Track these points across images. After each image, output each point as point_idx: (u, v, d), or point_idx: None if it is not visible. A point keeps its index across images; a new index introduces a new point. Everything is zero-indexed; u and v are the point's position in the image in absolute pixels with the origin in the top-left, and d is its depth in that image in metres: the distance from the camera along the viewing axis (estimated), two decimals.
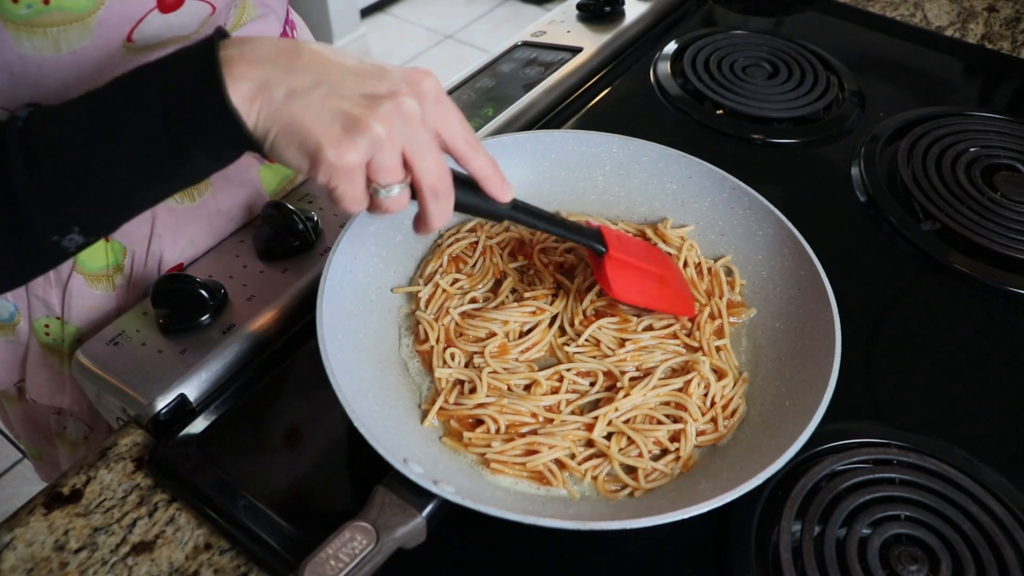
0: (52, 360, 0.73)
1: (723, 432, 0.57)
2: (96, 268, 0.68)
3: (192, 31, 0.59)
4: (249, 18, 0.66)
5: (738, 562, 0.52)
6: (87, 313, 0.70)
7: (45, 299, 0.69)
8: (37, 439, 0.86)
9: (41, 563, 0.53)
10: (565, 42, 0.96)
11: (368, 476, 0.50)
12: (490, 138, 0.71)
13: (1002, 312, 0.70)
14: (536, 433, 0.56)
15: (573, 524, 0.46)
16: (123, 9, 0.54)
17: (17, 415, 0.84)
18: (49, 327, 0.71)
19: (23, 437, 0.87)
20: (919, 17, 1.08)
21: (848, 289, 0.62)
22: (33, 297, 0.69)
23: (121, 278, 0.70)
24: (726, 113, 0.89)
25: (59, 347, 0.72)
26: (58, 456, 0.85)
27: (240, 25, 0.65)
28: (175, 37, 0.58)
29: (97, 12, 0.53)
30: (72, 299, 0.69)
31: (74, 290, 0.68)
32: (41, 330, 0.71)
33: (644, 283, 0.62)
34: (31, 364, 0.74)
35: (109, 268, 0.69)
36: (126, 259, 0.69)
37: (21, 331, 0.72)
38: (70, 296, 0.69)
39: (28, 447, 0.89)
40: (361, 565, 0.45)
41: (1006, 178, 0.80)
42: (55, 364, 0.73)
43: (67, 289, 0.68)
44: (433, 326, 0.62)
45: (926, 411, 0.62)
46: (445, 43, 2.91)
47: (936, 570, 0.51)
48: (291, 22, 0.78)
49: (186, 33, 0.59)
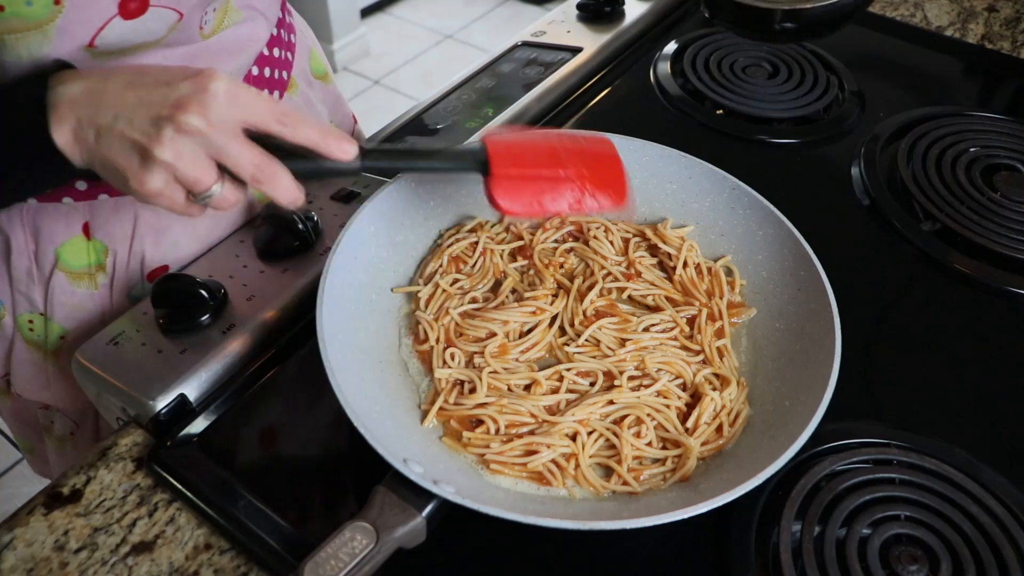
0: (36, 356, 0.73)
1: (728, 439, 0.57)
2: (78, 266, 0.68)
3: (160, 36, 0.58)
4: (232, 22, 0.65)
5: (738, 562, 0.52)
6: (70, 311, 0.70)
7: (28, 295, 0.69)
8: (27, 433, 0.87)
9: (41, 563, 0.53)
10: (565, 42, 0.96)
11: (368, 476, 0.50)
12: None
13: (1002, 312, 0.70)
14: (534, 433, 0.56)
15: (573, 524, 0.46)
16: (83, 16, 0.53)
17: (7, 409, 0.84)
18: (33, 323, 0.71)
19: (14, 430, 0.88)
20: (919, 17, 1.08)
21: (848, 289, 0.62)
22: (17, 293, 0.69)
23: (104, 277, 0.69)
24: (726, 113, 0.89)
25: (42, 343, 0.72)
26: (47, 452, 0.85)
27: (222, 29, 0.64)
28: (143, 43, 0.58)
29: (55, 20, 0.52)
30: (55, 296, 0.69)
31: (56, 287, 0.68)
32: (25, 325, 0.71)
33: (542, 192, 0.57)
34: (16, 359, 0.74)
35: (91, 267, 0.69)
36: (108, 258, 0.69)
37: (6, 325, 0.72)
38: (53, 293, 0.69)
39: (20, 441, 0.90)
40: (361, 565, 0.45)
41: (1006, 178, 0.80)
42: (39, 360, 0.73)
43: (49, 286, 0.68)
44: (433, 326, 0.62)
45: (926, 411, 0.62)
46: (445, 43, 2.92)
47: (936, 570, 0.51)
48: (288, 25, 0.78)
49: (154, 39, 0.58)
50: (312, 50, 0.85)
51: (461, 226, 0.70)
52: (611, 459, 0.55)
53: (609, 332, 0.62)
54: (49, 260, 0.67)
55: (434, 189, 0.68)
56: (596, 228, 0.69)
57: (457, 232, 0.69)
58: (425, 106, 0.88)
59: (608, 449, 0.56)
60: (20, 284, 0.69)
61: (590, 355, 0.61)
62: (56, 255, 0.67)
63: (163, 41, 0.59)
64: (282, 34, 0.75)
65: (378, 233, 0.65)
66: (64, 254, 0.67)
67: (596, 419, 0.57)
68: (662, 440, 0.57)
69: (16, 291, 0.69)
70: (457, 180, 0.69)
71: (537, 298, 0.64)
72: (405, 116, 0.87)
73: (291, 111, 0.51)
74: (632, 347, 0.61)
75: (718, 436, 0.57)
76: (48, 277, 0.68)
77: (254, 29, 0.68)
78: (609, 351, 0.61)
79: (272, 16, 0.71)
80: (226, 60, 0.65)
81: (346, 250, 0.61)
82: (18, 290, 0.69)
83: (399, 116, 0.87)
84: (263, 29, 0.69)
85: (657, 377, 0.59)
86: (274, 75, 0.73)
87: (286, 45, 0.76)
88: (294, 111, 0.51)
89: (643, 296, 0.65)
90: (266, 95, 0.50)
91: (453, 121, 0.85)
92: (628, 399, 0.58)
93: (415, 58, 2.84)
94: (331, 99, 0.88)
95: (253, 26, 0.68)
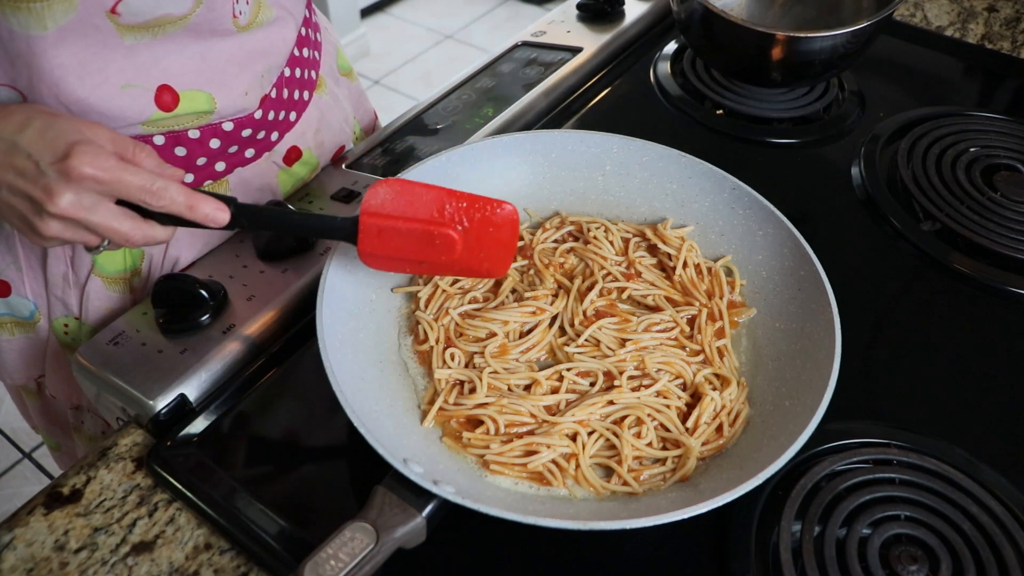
0: (71, 358, 0.74)
1: (728, 439, 0.57)
2: (114, 271, 0.69)
3: (186, 11, 0.58)
4: (265, 19, 0.66)
5: (738, 562, 0.52)
6: (104, 314, 0.71)
7: (64, 299, 0.70)
8: (56, 432, 0.88)
9: (41, 563, 0.53)
10: (565, 42, 0.96)
11: (368, 476, 0.50)
12: (490, 138, 0.71)
13: (1002, 312, 0.70)
14: (534, 433, 0.56)
15: (573, 524, 0.46)
16: None
17: (36, 408, 0.85)
18: (68, 326, 0.72)
19: (42, 429, 0.89)
20: (919, 17, 1.08)
21: (848, 289, 0.62)
22: (53, 297, 0.70)
23: (139, 281, 0.70)
24: (726, 113, 0.89)
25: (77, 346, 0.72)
26: (75, 449, 0.86)
27: (256, 24, 0.65)
28: (167, 16, 0.58)
29: None
30: (90, 301, 0.70)
31: (92, 292, 0.69)
32: (60, 329, 0.72)
33: (412, 259, 0.58)
34: (50, 361, 0.76)
35: (127, 271, 0.69)
36: (143, 262, 0.69)
37: (41, 329, 0.73)
38: (88, 298, 0.69)
39: (47, 438, 0.91)
40: (361, 565, 0.45)
41: (1006, 178, 0.80)
42: None
43: (85, 291, 0.69)
44: (433, 326, 0.62)
45: (926, 411, 0.62)
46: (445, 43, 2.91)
47: (936, 570, 0.51)
48: (314, 24, 0.78)
49: (179, 13, 0.58)
50: (337, 47, 0.86)
51: None
52: (611, 459, 0.55)
53: (609, 332, 0.62)
54: (86, 265, 0.68)
55: None
56: (596, 228, 0.69)
57: None
58: (425, 106, 0.88)
59: (608, 449, 0.56)
60: (56, 288, 0.69)
61: (590, 355, 0.61)
62: (93, 260, 0.68)
63: (189, 19, 0.59)
64: (309, 33, 0.75)
65: None
66: (100, 259, 0.68)
67: (596, 419, 0.57)
68: (662, 440, 0.57)
69: (52, 295, 0.70)
70: (457, 180, 0.69)
71: (537, 298, 0.64)
72: (405, 116, 0.87)
73: (155, 181, 0.53)
74: (632, 347, 0.61)
75: (718, 436, 0.57)
76: (84, 282, 0.69)
77: (284, 30, 0.68)
78: (609, 351, 0.61)
79: (299, 15, 0.72)
80: (258, 60, 0.66)
81: (346, 250, 0.61)
82: (54, 294, 0.70)
83: (399, 116, 0.87)
84: (291, 30, 0.70)
85: (657, 377, 0.59)
86: (304, 75, 0.74)
87: (313, 44, 0.77)
88: (163, 181, 0.54)
89: (643, 296, 0.65)
90: (130, 169, 0.53)
91: (453, 121, 0.85)
92: (628, 399, 0.58)
93: (415, 58, 2.84)
94: (355, 96, 0.88)
95: (283, 27, 0.68)
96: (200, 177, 0.68)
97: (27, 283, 0.70)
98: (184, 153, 0.65)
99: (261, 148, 0.71)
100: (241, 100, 0.66)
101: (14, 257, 0.69)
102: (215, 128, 0.66)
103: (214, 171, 0.69)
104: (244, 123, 0.68)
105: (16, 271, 0.70)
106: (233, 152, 0.69)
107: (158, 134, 0.63)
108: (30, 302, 0.71)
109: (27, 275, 0.70)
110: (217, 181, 0.70)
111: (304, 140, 0.76)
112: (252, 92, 0.67)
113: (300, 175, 0.77)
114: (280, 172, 0.75)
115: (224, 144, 0.67)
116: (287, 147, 0.74)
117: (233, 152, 0.69)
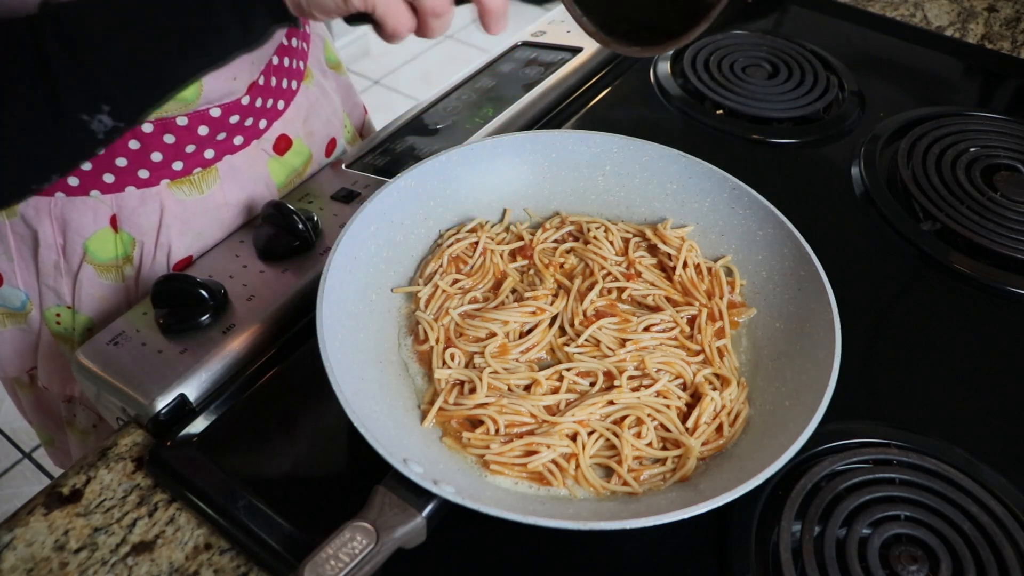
0: (63, 348, 0.74)
1: (728, 439, 0.57)
2: (106, 259, 0.69)
3: None
4: None
5: (738, 562, 0.52)
6: (97, 303, 0.71)
7: (56, 288, 0.70)
8: (49, 425, 0.88)
9: (41, 563, 0.53)
10: (565, 42, 0.96)
11: (368, 476, 0.50)
12: (490, 138, 0.71)
13: (1002, 312, 0.70)
14: (534, 433, 0.56)
15: (573, 524, 0.46)
16: None
17: (29, 401, 0.85)
18: (60, 316, 0.72)
19: (35, 422, 0.89)
20: (919, 17, 1.08)
21: (848, 289, 0.62)
22: (44, 286, 0.70)
23: (131, 269, 0.70)
24: (726, 113, 0.89)
25: (70, 336, 0.73)
26: (69, 443, 0.86)
27: None
28: None
29: None
30: (82, 289, 0.70)
31: (84, 280, 0.69)
32: (52, 319, 0.72)
33: None
34: (42, 353, 0.75)
35: (119, 259, 0.69)
36: (135, 250, 0.69)
37: (33, 319, 0.73)
38: (80, 286, 0.69)
39: (40, 432, 0.91)
40: (361, 565, 0.45)
41: (1006, 178, 0.80)
42: (66, 352, 0.74)
43: (77, 279, 0.69)
44: (433, 326, 0.62)
45: (926, 411, 0.62)
46: (445, 43, 2.91)
47: (936, 570, 0.51)
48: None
49: None
50: (325, 40, 0.86)
51: (461, 226, 0.70)
52: (611, 459, 0.55)
53: (609, 332, 0.62)
54: (77, 253, 0.68)
55: (434, 189, 0.68)
56: (596, 228, 0.69)
57: (457, 232, 0.69)
58: (425, 106, 0.88)
59: (608, 449, 0.56)
60: (47, 278, 0.70)
61: (590, 355, 0.61)
62: (84, 248, 0.68)
63: None
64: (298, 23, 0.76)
65: (378, 233, 0.65)
66: (92, 247, 0.68)
67: (596, 419, 0.57)
68: (662, 440, 0.57)
69: (43, 285, 0.70)
70: (457, 180, 0.69)
71: (537, 298, 0.64)
72: (405, 116, 0.87)
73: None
74: (632, 347, 0.61)
75: (718, 436, 0.57)
76: (76, 271, 0.69)
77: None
78: (609, 351, 0.61)
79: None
80: None
81: (346, 250, 0.61)
82: (45, 284, 0.70)
83: (399, 116, 0.87)
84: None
85: (657, 377, 0.59)
86: (292, 64, 0.75)
87: (302, 35, 0.78)
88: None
89: (643, 296, 0.65)
90: None
91: (453, 121, 0.85)
92: (628, 399, 0.58)
93: (415, 58, 2.84)
94: (344, 89, 0.89)
95: None
96: (189, 164, 0.68)
97: (18, 273, 0.70)
98: (173, 140, 0.66)
99: (250, 136, 0.72)
100: (228, 84, 0.66)
101: (5, 247, 0.69)
102: (202, 114, 0.66)
103: (203, 159, 0.69)
104: (231, 109, 0.68)
105: (7, 261, 0.70)
106: (221, 139, 0.69)
107: (146, 121, 0.63)
108: (21, 292, 0.71)
109: (18, 265, 0.70)
110: (207, 169, 0.70)
111: (294, 129, 0.76)
112: (240, 78, 0.67)
113: (294, 165, 0.77)
114: (270, 160, 0.75)
115: (212, 131, 0.68)
116: (276, 135, 0.75)
117: (221, 139, 0.69)
